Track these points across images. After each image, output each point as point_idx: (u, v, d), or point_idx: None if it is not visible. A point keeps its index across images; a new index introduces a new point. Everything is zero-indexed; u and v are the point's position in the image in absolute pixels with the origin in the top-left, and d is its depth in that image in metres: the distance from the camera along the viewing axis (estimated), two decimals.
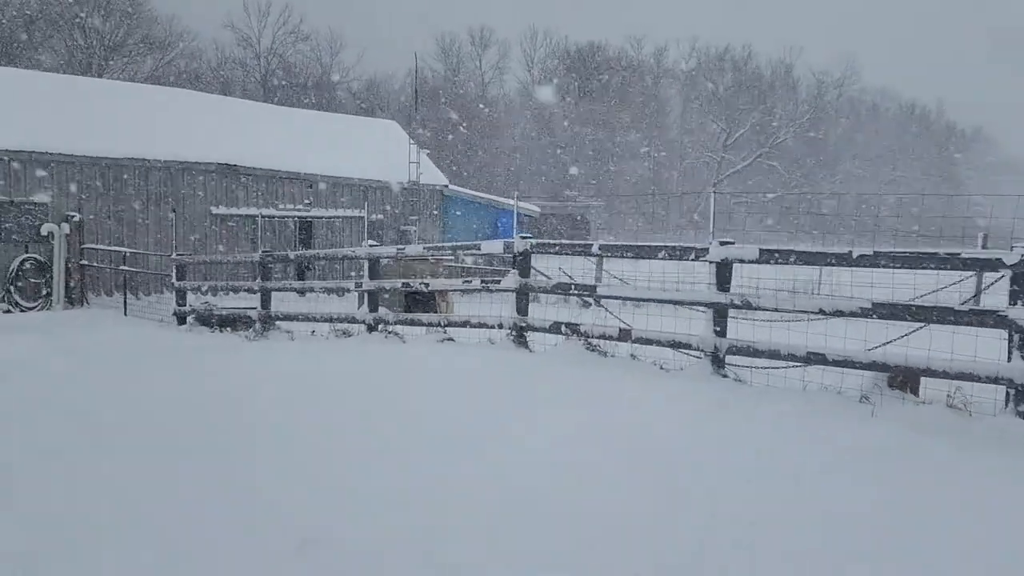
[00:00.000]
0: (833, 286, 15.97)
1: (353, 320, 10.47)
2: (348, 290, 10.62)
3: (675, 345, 7.54)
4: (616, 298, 7.98)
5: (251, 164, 18.45)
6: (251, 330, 11.61)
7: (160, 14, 48.68)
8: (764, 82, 63.60)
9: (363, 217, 20.66)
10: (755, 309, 7.02)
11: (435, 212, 22.66)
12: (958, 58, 71.97)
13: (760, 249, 7.00)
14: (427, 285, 9.70)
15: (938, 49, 72.61)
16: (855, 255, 6.43)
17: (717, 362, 7.34)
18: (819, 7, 75.91)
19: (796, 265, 6.85)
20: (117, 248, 15.52)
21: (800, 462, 4.74)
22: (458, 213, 23.09)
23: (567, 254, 8.57)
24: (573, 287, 8.41)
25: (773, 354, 6.87)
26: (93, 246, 15.67)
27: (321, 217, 19.78)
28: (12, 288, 14.94)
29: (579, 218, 49.16)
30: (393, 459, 4.74)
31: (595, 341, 8.30)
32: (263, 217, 18.80)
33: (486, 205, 23.63)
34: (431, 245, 9.20)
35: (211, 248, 17.80)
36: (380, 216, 21.32)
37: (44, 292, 15.29)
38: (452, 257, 9.54)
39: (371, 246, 10.60)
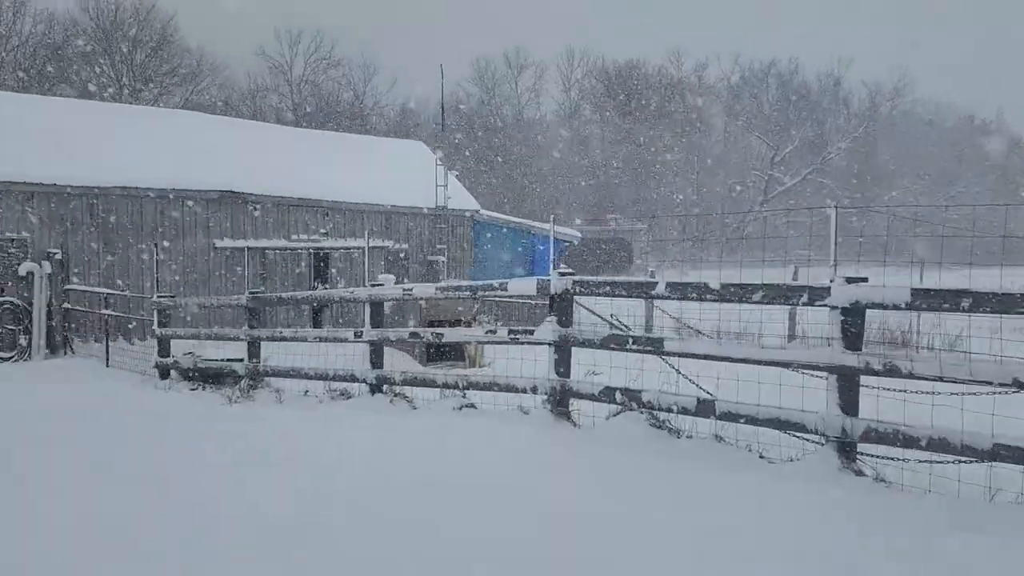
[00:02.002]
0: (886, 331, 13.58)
1: (353, 378, 8.42)
2: (346, 340, 8.59)
3: (782, 425, 5.31)
4: (694, 356, 5.77)
5: (259, 191, 16.66)
6: (237, 388, 9.63)
7: (191, 44, 48.02)
8: (812, 96, 60.85)
9: (385, 247, 18.74)
10: (905, 377, 4.76)
11: (465, 240, 20.65)
12: (1016, 66, 68.32)
13: (913, 290, 4.76)
14: (440, 336, 7.60)
15: (995, 59, 69.06)
16: None
17: (845, 452, 5.11)
18: (867, 18, 73.05)
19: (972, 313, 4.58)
20: (97, 289, 13.74)
21: None
22: (491, 240, 21.06)
23: (622, 295, 6.40)
24: (631, 340, 6.22)
25: (937, 444, 4.61)
26: (77, 287, 13.91)
27: (338, 248, 17.88)
28: None
29: (621, 243, 46.97)
30: None
31: (663, 415, 6.11)
32: (273, 250, 16.95)
33: (522, 231, 21.58)
34: (444, 285, 7.14)
35: (214, 286, 15.99)
36: (404, 245, 19.38)
37: (23, 341, 13.55)
38: (475, 294, 7.44)
39: (373, 285, 8.56)
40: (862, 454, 5.19)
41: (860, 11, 70.58)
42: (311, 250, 17.50)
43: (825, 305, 5.14)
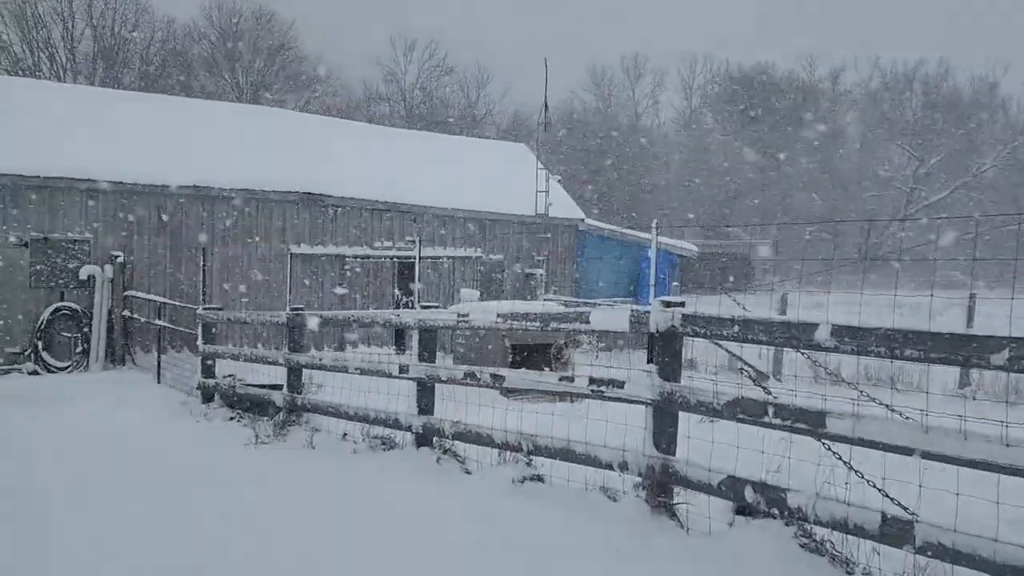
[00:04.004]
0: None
1: (397, 424, 6.62)
2: (390, 375, 6.78)
3: None
4: (881, 447, 3.58)
5: (342, 193, 15.27)
6: (272, 423, 8.03)
7: (308, 51, 48.36)
8: (963, 103, 55.21)
9: (477, 257, 17.04)
10: None
11: (567, 251, 18.66)
12: None
13: None
14: (501, 379, 5.66)
15: None
16: None
17: None
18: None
19: None
20: (152, 297, 12.60)
21: None
22: (596, 253, 18.98)
23: (759, 341, 4.23)
24: (771, 411, 4.06)
25: None
26: (136, 294, 12.83)
27: (426, 257, 16.28)
28: (40, 344, 12.30)
29: (741, 259, 43.74)
30: None
31: (820, 531, 3.93)
32: (353, 257, 15.52)
33: (631, 243, 19.38)
34: (508, 311, 5.28)
35: (289, 295, 14.66)
36: (499, 256, 17.59)
37: (80, 349, 12.58)
38: (547, 326, 5.44)
39: (424, 306, 6.72)
40: None
41: (1018, 10, 63.96)
42: (395, 259, 15.96)
43: None
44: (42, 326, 12.28)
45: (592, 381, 5.04)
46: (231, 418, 8.87)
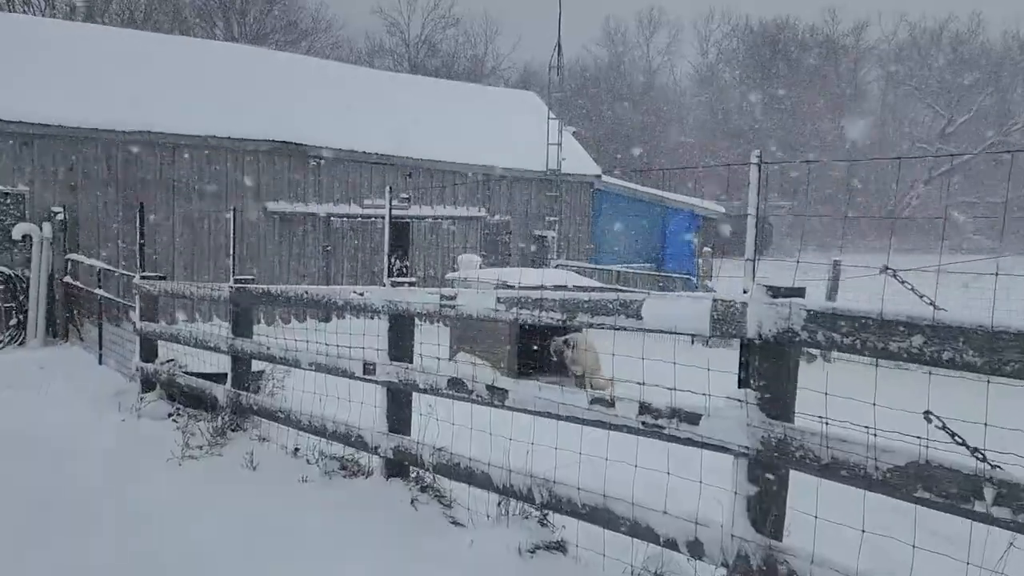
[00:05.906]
0: None
1: (361, 443, 4.84)
2: (352, 375, 4.99)
3: None
4: None
5: (325, 144, 13.34)
6: (211, 426, 6.25)
7: (308, 2, 45.97)
8: (994, 58, 52.48)
9: (480, 218, 15.17)
10: None
11: (582, 212, 16.73)
12: None
13: None
14: (503, 394, 3.84)
15: None
16: None
17: None
18: None
19: None
20: (91, 261, 10.72)
21: None
22: (613, 213, 17.05)
23: (973, 367, 2.37)
24: (990, 492, 2.22)
25: None
26: (81, 257, 11.00)
27: (424, 218, 14.42)
28: None
29: (760, 221, 41.71)
30: None
31: None
32: (340, 217, 13.64)
33: (652, 203, 17.43)
34: (513, 296, 3.35)
35: (265, 262, 12.84)
36: (507, 217, 15.69)
37: (15, 321, 10.80)
38: (572, 317, 3.60)
39: (395, 282, 4.87)
40: None
41: None
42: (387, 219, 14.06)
43: None
44: None
45: (644, 409, 3.20)
46: (169, 415, 7.10)
